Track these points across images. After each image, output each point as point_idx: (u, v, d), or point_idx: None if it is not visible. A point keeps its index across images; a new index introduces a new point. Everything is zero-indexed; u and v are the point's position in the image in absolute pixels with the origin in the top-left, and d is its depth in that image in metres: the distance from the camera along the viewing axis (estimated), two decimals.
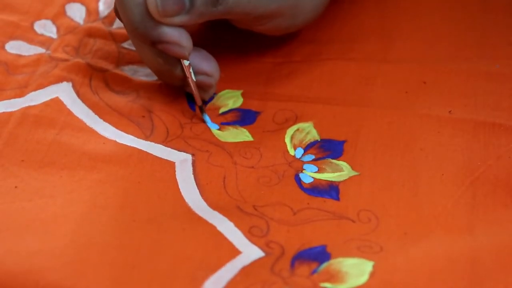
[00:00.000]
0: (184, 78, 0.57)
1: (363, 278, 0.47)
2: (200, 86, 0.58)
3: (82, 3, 0.67)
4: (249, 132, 0.57)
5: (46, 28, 0.65)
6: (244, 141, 0.57)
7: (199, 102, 0.58)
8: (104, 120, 0.58)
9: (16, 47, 0.63)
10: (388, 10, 0.66)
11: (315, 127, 0.57)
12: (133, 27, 0.55)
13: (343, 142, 0.56)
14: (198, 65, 0.57)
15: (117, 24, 0.65)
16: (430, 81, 0.60)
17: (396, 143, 0.56)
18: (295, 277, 0.48)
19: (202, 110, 0.58)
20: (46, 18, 0.66)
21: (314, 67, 0.62)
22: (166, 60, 0.57)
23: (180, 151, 0.56)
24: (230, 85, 0.61)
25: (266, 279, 0.47)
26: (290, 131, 0.57)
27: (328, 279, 0.48)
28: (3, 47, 0.63)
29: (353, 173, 0.54)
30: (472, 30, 0.63)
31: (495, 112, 0.57)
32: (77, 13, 0.66)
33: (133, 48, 0.63)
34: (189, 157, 0.55)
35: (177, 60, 0.56)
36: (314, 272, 0.48)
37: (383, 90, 0.59)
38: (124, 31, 0.64)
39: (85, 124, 0.58)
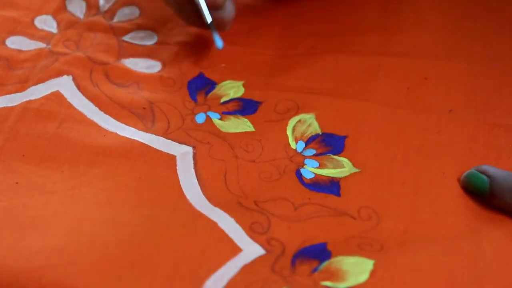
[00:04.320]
0: None
1: (364, 277, 0.46)
2: (208, 4, 0.56)
3: None
4: (251, 122, 0.56)
5: (46, 23, 0.63)
6: (245, 132, 0.55)
7: (207, 18, 0.56)
8: (105, 112, 0.56)
9: (16, 43, 0.62)
10: (390, 5, 0.64)
11: (316, 119, 0.56)
12: None
13: (345, 137, 0.54)
14: None
15: (118, 18, 0.64)
16: (432, 78, 0.58)
17: (397, 140, 0.54)
18: (296, 275, 0.46)
19: (212, 27, 0.56)
20: (47, 14, 0.64)
21: (316, 60, 0.60)
22: None
23: (181, 143, 0.54)
24: (232, 76, 0.59)
25: (267, 278, 0.46)
26: (292, 122, 0.55)
27: (328, 277, 0.46)
28: (3, 43, 0.62)
29: (354, 169, 0.52)
30: (474, 27, 0.61)
31: (495, 112, 0.55)
32: (77, 8, 0.65)
33: (134, 42, 0.62)
34: (190, 150, 0.54)
35: None
36: (314, 270, 0.46)
37: (385, 85, 0.58)
38: (124, 25, 0.63)
39: (85, 116, 0.56)
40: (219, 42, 0.57)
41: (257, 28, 0.62)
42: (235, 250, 0.47)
